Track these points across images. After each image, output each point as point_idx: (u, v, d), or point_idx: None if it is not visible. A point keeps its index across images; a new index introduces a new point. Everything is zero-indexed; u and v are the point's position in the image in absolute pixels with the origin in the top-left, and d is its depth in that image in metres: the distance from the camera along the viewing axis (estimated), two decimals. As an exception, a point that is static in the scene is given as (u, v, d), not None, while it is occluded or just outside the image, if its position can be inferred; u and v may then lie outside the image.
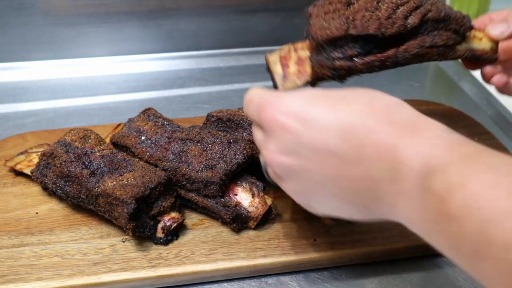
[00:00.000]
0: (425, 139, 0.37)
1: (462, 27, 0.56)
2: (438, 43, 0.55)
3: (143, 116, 0.65)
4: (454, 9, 0.57)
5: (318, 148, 0.40)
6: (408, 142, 0.37)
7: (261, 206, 0.56)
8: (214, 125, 0.63)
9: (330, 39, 0.54)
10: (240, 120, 0.62)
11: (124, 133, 0.63)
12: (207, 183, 0.56)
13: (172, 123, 0.64)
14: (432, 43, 0.55)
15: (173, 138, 0.60)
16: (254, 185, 0.58)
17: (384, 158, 0.37)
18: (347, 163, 0.39)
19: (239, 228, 0.56)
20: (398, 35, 0.54)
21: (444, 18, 0.55)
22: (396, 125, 0.38)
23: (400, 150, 0.36)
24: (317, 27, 0.55)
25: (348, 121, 0.39)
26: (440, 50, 0.56)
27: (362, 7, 0.55)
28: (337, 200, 0.42)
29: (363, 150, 0.38)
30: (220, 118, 0.63)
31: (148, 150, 0.60)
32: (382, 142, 0.37)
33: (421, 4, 0.55)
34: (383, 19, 0.54)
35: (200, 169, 0.57)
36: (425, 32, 0.55)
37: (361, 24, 0.54)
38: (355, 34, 0.54)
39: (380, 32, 0.53)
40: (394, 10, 0.55)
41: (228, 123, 0.63)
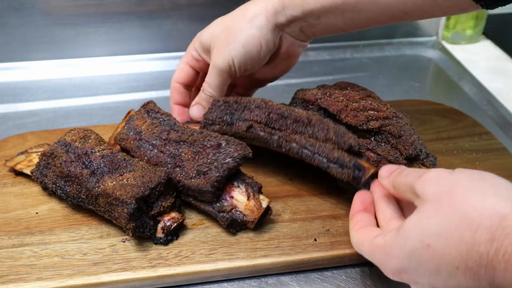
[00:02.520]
0: None
1: (406, 150, 0.59)
2: (378, 151, 0.61)
3: (143, 111, 0.66)
4: (414, 130, 0.62)
5: (455, 286, 0.41)
6: None
7: (256, 209, 0.56)
8: (220, 109, 0.63)
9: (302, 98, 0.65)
10: (247, 103, 0.62)
11: (124, 135, 0.64)
12: (200, 191, 0.56)
13: (169, 118, 0.64)
14: (374, 149, 0.61)
15: (168, 140, 0.60)
16: (250, 186, 0.57)
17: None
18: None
19: (236, 231, 0.57)
20: (353, 127, 0.61)
21: (397, 136, 0.60)
22: (504, 253, 0.38)
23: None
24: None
25: (464, 267, 0.40)
26: (378, 157, 0.61)
27: (345, 95, 0.64)
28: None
29: (497, 282, 0.39)
30: (227, 101, 0.63)
31: (147, 153, 0.60)
32: (506, 276, 0.38)
33: (389, 118, 0.62)
34: (351, 108, 0.62)
35: (193, 175, 0.57)
36: (376, 138, 0.61)
37: (330, 100, 0.63)
38: (320, 104, 0.63)
39: (338, 115, 0.62)
40: (367, 110, 0.62)
41: (235, 105, 0.62)
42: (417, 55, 1.02)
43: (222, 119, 0.62)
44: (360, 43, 1.02)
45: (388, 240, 0.45)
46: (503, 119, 0.82)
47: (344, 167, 0.56)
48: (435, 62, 1.00)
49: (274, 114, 0.60)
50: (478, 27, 1.03)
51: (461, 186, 0.42)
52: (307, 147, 0.57)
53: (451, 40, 1.03)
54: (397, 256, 0.43)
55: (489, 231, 0.38)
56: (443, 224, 0.41)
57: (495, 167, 0.67)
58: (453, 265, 0.40)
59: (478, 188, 0.41)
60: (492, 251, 0.38)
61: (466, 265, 0.39)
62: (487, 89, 0.89)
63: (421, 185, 0.44)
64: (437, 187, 0.43)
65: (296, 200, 0.61)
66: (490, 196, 0.40)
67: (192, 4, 0.92)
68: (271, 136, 0.59)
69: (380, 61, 0.99)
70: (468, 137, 0.73)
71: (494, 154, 0.69)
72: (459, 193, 0.41)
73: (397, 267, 0.44)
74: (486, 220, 0.39)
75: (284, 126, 0.59)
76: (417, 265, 0.42)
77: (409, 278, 0.44)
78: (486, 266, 0.38)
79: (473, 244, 0.39)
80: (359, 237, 0.50)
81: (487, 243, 0.38)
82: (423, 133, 0.72)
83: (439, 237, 0.40)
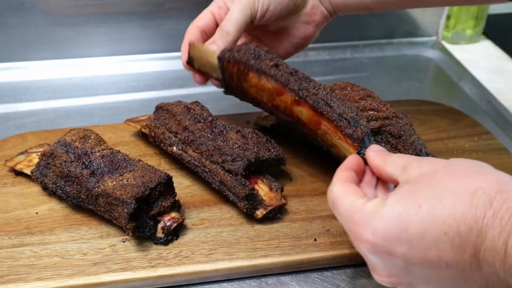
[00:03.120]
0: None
1: (406, 151, 0.59)
2: None
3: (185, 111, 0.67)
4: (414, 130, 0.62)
5: (432, 264, 0.39)
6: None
7: (275, 199, 0.58)
8: (249, 51, 0.60)
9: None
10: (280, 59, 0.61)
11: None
12: (236, 158, 0.59)
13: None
14: None
15: (215, 123, 0.64)
16: (274, 183, 0.60)
17: (505, 259, 0.36)
18: (467, 271, 0.39)
19: (248, 208, 0.57)
20: None
21: (397, 136, 0.60)
22: (502, 218, 0.37)
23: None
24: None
25: (454, 231, 0.38)
26: None
27: (345, 95, 0.65)
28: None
29: (481, 255, 0.37)
30: (258, 46, 0.62)
31: (192, 125, 0.64)
32: (497, 244, 0.37)
33: (389, 118, 0.62)
34: None
35: (234, 147, 0.60)
36: (376, 138, 0.61)
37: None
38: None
39: None
40: (367, 110, 0.62)
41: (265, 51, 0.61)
42: (417, 55, 1.02)
43: (252, 51, 0.59)
44: (360, 43, 1.02)
45: (376, 203, 0.42)
46: (503, 119, 0.82)
47: (359, 125, 0.54)
48: (435, 62, 1.00)
49: (300, 73, 0.58)
50: (478, 27, 1.03)
51: (458, 163, 0.42)
52: (326, 101, 0.56)
53: (451, 40, 1.03)
54: (382, 217, 0.40)
55: (488, 194, 0.38)
56: (439, 188, 0.39)
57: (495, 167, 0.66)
58: (442, 229, 0.38)
59: (475, 164, 0.41)
60: (490, 214, 0.37)
61: (458, 229, 0.38)
62: (487, 89, 0.89)
63: (418, 163, 0.43)
64: (434, 163, 0.43)
65: (296, 200, 0.61)
66: (488, 169, 0.41)
67: (192, 4, 0.92)
68: (294, 81, 0.57)
69: (380, 61, 0.99)
70: (468, 137, 0.73)
71: (494, 154, 0.69)
72: (457, 167, 0.41)
73: (379, 229, 0.40)
74: (485, 184, 0.38)
75: (306, 86, 0.57)
76: (402, 229, 0.39)
77: (386, 246, 0.40)
78: (479, 231, 0.37)
79: (470, 206, 0.37)
80: (343, 189, 0.45)
81: (485, 205, 0.37)
82: (423, 133, 0.72)
83: (433, 199, 0.39)
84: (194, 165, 0.62)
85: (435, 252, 0.39)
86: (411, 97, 0.87)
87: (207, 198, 0.62)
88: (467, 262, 0.38)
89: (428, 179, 0.41)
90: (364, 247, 0.42)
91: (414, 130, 0.62)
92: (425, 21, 1.03)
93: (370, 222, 0.41)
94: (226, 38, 0.62)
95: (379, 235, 0.40)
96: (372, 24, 1.01)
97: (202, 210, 0.60)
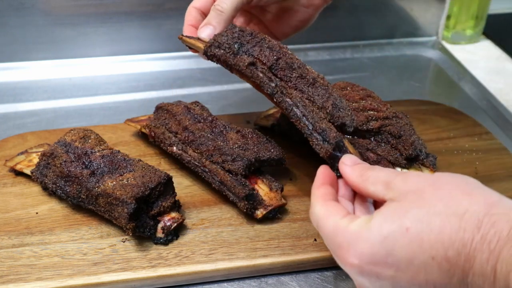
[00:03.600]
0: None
1: (406, 151, 0.59)
2: (378, 151, 0.60)
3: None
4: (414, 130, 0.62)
5: (421, 286, 0.39)
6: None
7: (275, 199, 0.58)
8: (233, 36, 0.58)
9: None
10: (261, 39, 0.58)
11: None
12: (236, 158, 0.59)
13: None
14: (374, 149, 0.60)
15: (215, 123, 0.64)
16: (274, 183, 0.60)
17: (494, 283, 0.36)
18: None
19: (248, 208, 0.57)
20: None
21: (397, 136, 0.60)
22: (490, 242, 0.36)
23: (509, 270, 0.35)
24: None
25: (442, 256, 0.37)
26: (378, 158, 0.59)
27: (345, 95, 0.64)
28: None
29: (469, 279, 0.37)
30: (242, 30, 0.59)
31: (192, 124, 0.64)
32: (486, 269, 0.36)
33: (389, 118, 0.61)
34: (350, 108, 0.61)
35: (234, 147, 0.60)
36: (376, 138, 0.61)
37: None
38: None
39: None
40: (367, 110, 0.62)
41: (248, 37, 0.58)
42: (417, 55, 1.02)
43: (230, 46, 0.57)
44: (360, 43, 1.02)
45: (360, 223, 0.40)
46: (503, 119, 0.82)
47: (326, 142, 0.51)
48: (435, 62, 1.00)
49: (283, 61, 0.55)
50: (478, 27, 1.03)
51: (446, 180, 0.40)
52: (299, 106, 0.53)
53: (451, 40, 1.03)
54: (367, 239, 0.39)
55: (477, 217, 0.37)
56: (426, 209, 0.38)
57: (495, 167, 0.67)
58: (429, 254, 0.37)
59: (462, 182, 0.40)
60: (478, 238, 0.36)
61: (446, 254, 0.37)
62: (487, 89, 0.89)
63: (402, 179, 0.42)
64: (420, 180, 0.41)
65: (296, 200, 0.61)
66: (476, 188, 0.39)
67: (192, 4, 0.92)
68: (269, 82, 0.55)
69: (380, 61, 0.99)
70: (468, 137, 0.73)
71: (494, 154, 0.69)
72: (445, 185, 0.40)
73: (364, 252, 0.39)
74: (473, 207, 0.37)
75: (287, 77, 0.55)
76: (389, 252, 0.38)
77: (372, 269, 0.39)
78: (467, 256, 0.36)
79: (458, 230, 0.37)
80: (324, 210, 0.44)
81: (473, 229, 0.36)
82: (423, 133, 0.72)
83: (420, 221, 0.38)
84: (194, 165, 0.62)
85: (423, 276, 0.38)
86: (411, 97, 0.87)
87: (207, 198, 0.62)
88: (456, 285, 0.38)
89: (415, 198, 0.40)
90: (350, 270, 0.41)
91: (414, 130, 0.62)
92: (425, 21, 1.03)
93: (355, 245, 0.40)
94: (221, 17, 0.59)
95: (365, 259, 0.39)
96: (372, 24, 1.01)
97: (202, 210, 0.60)
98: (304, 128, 0.53)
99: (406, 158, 0.59)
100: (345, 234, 0.41)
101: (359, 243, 0.40)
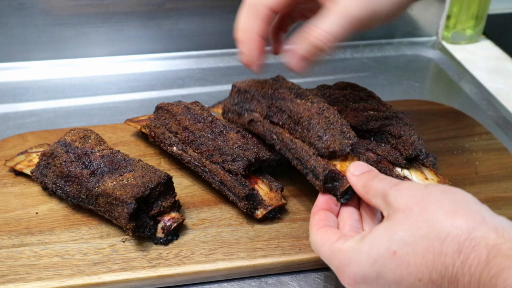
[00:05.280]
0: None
1: (406, 151, 0.59)
2: (378, 151, 0.60)
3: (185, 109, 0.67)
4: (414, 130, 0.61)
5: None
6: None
7: (275, 199, 0.58)
8: (234, 97, 0.62)
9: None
10: (255, 92, 0.60)
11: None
12: (236, 158, 0.59)
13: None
14: (374, 149, 0.60)
15: (215, 123, 0.64)
16: (274, 183, 0.60)
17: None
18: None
19: (248, 208, 0.57)
20: (353, 127, 0.58)
21: (397, 136, 0.60)
22: (470, 266, 0.37)
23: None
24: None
25: (427, 278, 0.39)
26: (378, 158, 0.59)
27: (345, 95, 0.65)
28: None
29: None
30: (239, 89, 0.62)
31: (192, 124, 0.64)
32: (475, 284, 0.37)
33: (389, 118, 0.61)
34: (351, 108, 0.63)
35: (234, 147, 0.60)
36: (376, 138, 0.62)
37: (330, 100, 0.62)
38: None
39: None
40: (367, 110, 0.62)
41: (245, 95, 0.61)
42: (417, 55, 1.02)
43: (234, 109, 0.62)
44: (360, 43, 1.02)
45: (352, 245, 0.43)
46: (503, 119, 0.82)
47: (317, 179, 0.52)
48: (435, 62, 1.00)
49: (274, 106, 0.58)
50: (478, 27, 1.03)
51: (433, 197, 0.41)
52: (290, 149, 0.56)
53: (451, 40, 1.03)
54: (359, 262, 0.42)
55: (457, 241, 0.38)
56: (412, 232, 0.40)
57: (495, 167, 0.67)
58: (416, 276, 0.39)
59: (449, 200, 0.41)
60: (458, 263, 0.38)
61: (430, 276, 0.39)
62: (487, 89, 0.89)
63: (395, 193, 0.43)
64: (410, 197, 0.42)
65: (296, 200, 0.61)
66: (461, 208, 0.40)
67: (192, 4, 0.92)
68: (270, 133, 0.58)
69: (380, 61, 0.99)
70: (468, 137, 0.73)
71: (494, 154, 0.69)
72: (431, 204, 0.41)
73: (357, 274, 0.42)
74: (455, 230, 0.39)
75: (282, 120, 0.57)
76: (379, 274, 0.41)
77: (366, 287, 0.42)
78: (450, 279, 0.38)
79: (440, 254, 0.38)
80: (319, 237, 0.47)
81: (454, 254, 0.38)
82: (423, 133, 0.72)
83: (406, 245, 0.40)
84: (194, 165, 0.62)
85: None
86: (411, 97, 0.87)
87: (207, 198, 0.62)
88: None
89: (403, 219, 0.41)
90: (348, 286, 0.44)
91: (414, 130, 0.62)
92: (425, 21, 1.03)
93: (349, 267, 0.42)
94: (322, 54, 0.50)
95: (358, 279, 0.42)
96: (372, 24, 1.01)
97: (202, 210, 0.60)
98: (300, 169, 0.55)
99: (406, 158, 0.59)
100: (339, 256, 0.44)
101: (352, 265, 0.42)
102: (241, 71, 0.95)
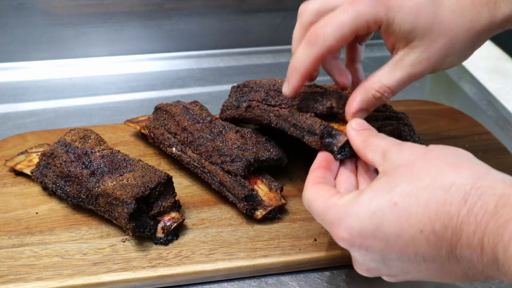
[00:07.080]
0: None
1: None
2: None
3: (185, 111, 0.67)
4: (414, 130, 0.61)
5: (410, 259, 0.39)
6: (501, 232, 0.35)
7: (275, 199, 0.58)
8: (232, 95, 0.66)
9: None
10: (253, 84, 0.64)
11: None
12: (235, 158, 0.59)
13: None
14: None
15: (214, 123, 0.64)
16: (273, 183, 0.60)
17: (482, 255, 0.36)
18: (445, 265, 0.39)
19: (247, 209, 0.57)
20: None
21: (397, 136, 0.58)
22: (477, 215, 0.36)
23: (496, 242, 0.35)
24: None
25: (429, 229, 0.38)
26: None
27: (346, 94, 0.63)
28: (434, 279, 0.41)
29: (457, 251, 0.37)
30: (238, 86, 0.66)
31: (191, 125, 0.64)
32: (473, 241, 0.36)
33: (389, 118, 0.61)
34: None
35: (233, 148, 0.60)
36: None
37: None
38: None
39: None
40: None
41: (244, 89, 0.64)
42: (417, 55, 1.01)
43: (232, 104, 0.64)
44: (360, 43, 1.02)
45: (349, 199, 0.41)
46: (503, 119, 0.82)
47: (314, 134, 0.52)
48: (435, 62, 1.00)
49: (272, 90, 0.61)
50: (478, 27, 1.03)
51: (435, 153, 0.41)
52: (287, 118, 0.57)
53: (451, 40, 1.03)
54: (356, 214, 0.40)
55: (463, 190, 0.37)
56: (414, 183, 0.39)
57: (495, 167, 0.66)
58: (418, 228, 0.38)
59: (452, 155, 0.40)
60: (464, 211, 0.36)
61: (432, 228, 0.37)
62: (487, 89, 0.89)
63: (397, 150, 0.42)
64: (412, 154, 0.41)
65: (296, 200, 0.61)
66: (464, 161, 0.39)
67: (192, 4, 0.92)
68: (267, 113, 0.60)
69: (380, 61, 0.99)
70: (468, 137, 0.73)
71: (494, 154, 0.69)
72: (433, 158, 0.40)
73: (354, 227, 0.40)
74: (460, 179, 0.37)
75: (279, 101, 0.59)
76: (377, 227, 0.39)
77: (362, 243, 0.40)
78: (454, 229, 0.37)
79: (444, 204, 0.37)
80: (314, 192, 0.45)
81: (459, 203, 0.36)
82: (423, 133, 0.72)
83: (408, 196, 0.38)
84: (194, 166, 0.62)
85: (412, 249, 0.39)
86: (411, 97, 0.87)
87: (207, 198, 0.62)
88: (445, 257, 0.38)
89: (405, 172, 0.40)
90: (342, 243, 0.42)
91: (414, 130, 0.62)
92: (425, 21, 1.03)
93: (345, 220, 0.41)
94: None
95: (355, 233, 0.40)
96: (372, 24, 1.01)
97: (202, 210, 0.60)
98: (297, 134, 0.55)
99: None
100: (336, 210, 0.42)
101: (349, 218, 0.40)
102: (241, 71, 0.95)
